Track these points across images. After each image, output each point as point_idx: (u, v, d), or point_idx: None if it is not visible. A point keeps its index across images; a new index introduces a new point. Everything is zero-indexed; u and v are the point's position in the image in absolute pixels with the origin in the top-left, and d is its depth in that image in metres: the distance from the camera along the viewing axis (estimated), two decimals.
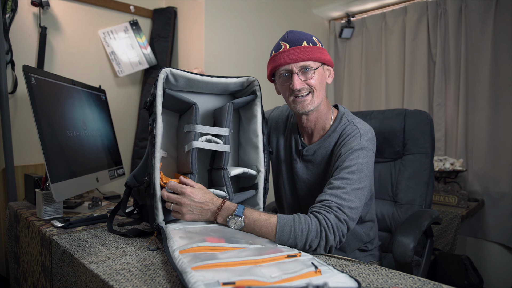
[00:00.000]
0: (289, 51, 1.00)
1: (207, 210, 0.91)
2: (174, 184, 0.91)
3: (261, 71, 2.34)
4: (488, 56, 2.14)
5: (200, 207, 0.90)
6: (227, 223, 0.90)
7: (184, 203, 0.89)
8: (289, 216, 0.88)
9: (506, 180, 2.11)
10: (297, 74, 1.01)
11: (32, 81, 1.12)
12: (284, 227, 0.86)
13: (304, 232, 0.86)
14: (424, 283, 0.68)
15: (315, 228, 0.86)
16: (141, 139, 2.11)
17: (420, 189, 1.32)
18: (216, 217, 0.91)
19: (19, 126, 1.67)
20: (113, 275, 0.73)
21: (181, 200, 0.89)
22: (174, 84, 1.00)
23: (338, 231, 0.88)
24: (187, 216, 0.90)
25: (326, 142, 1.09)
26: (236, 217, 0.88)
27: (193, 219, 0.91)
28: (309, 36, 1.03)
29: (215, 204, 0.91)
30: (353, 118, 1.10)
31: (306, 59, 1.00)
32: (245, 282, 0.59)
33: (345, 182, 0.94)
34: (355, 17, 2.78)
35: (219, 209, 0.91)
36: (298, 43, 1.01)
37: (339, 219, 0.89)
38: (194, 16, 2.06)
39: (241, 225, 0.89)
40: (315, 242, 0.86)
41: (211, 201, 0.91)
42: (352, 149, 0.99)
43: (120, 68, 2.00)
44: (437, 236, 2.00)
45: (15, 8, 1.61)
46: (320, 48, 1.03)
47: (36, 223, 1.14)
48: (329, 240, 0.87)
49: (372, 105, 2.68)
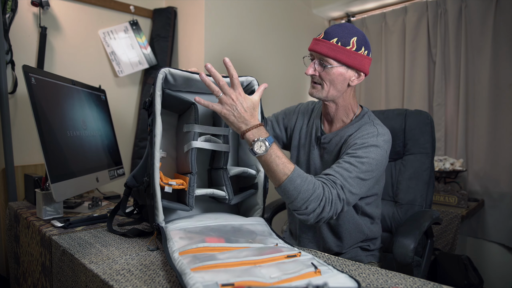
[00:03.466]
0: (319, 41, 1.06)
1: (244, 120, 0.90)
2: (234, 74, 0.89)
3: (261, 71, 2.34)
4: (488, 56, 2.14)
5: (242, 111, 0.89)
6: (253, 143, 0.89)
7: (232, 98, 0.89)
8: (304, 173, 0.92)
9: (506, 180, 2.10)
10: (315, 63, 1.07)
11: (32, 81, 1.12)
12: (295, 179, 0.89)
13: (309, 192, 0.90)
14: (424, 283, 0.68)
15: (318, 195, 0.91)
16: (141, 139, 2.11)
17: (420, 189, 1.32)
18: (247, 131, 0.90)
19: (19, 126, 1.67)
20: (113, 275, 0.73)
21: (232, 94, 0.89)
22: (173, 84, 1.00)
23: (334, 207, 0.93)
24: (225, 110, 0.89)
25: (343, 131, 1.13)
26: (266, 141, 0.88)
27: (227, 116, 0.90)
28: (347, 35, 1.04)
29: (254, 121, 0.91)
30: (374, 119, 1.14)
31: (327, 55, 1.04)
32: (244, 283, 0.59)
33: (353, 168, 0.98)
34: (355, 17, 2.77)
35: (255, 126, 0.90)
36: (329, 38, 1.04)
37: (339, 197, 0.94)
38: (194, 16, 2.06)
39: (264, 151, 0.88)
40: (311, 206, 0.91)
41: (252, 115, 0.91)
42: (367, 143, 1.02)
43: (120, 68, 2.00)
44: (437, 236, 2.00)
45: (15, 8, 1.61)
46: (349, 51, 1.04)
47: (36, 223, 1.14)
48: (324, 211, 0.92)
49: (372, 105, 2.68)
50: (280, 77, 2.47)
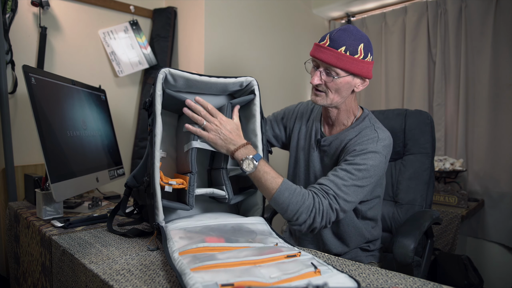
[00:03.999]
0: (325, 49, 1.02)
1: (231, 140, 0.96)
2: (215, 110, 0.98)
3: (261, 71, 2.34)
4: (488, 56, 2.13)
5: (227, 133, 0.96)
6: (242, 161, 0.94)
7: (216, 124, 0.96)
8: (292, 185, 0.96)
9: (506, 180, 2.10)
10: (320, 72, 1.05)
11: (32, 81, 1.12)
12: (283, 192, 0.93)
13: (298, 204, 0.93)
14: (424, 283, 0.68)
15: (308, 206, 0.93)
16: (141, 139, 2.11)
17: (420, 189, 1.32)
18: (235, 150, 0.96)
19: (19, 126, 1.67)
20: (113, 275, 0.73)
21: (214, 121, 0.96)
22: (173, 84, 1.00)
23: (326, 217, 0.95)
24: (212, 136, 0.96)
25: (343, 135, 1.12)
26: (253, 159, 0.94)
27: (215, 141, 0.96)
28: (355, 42, 1.00)
29: (241, 140, 0.97)
30: (375, 122, 1.12)
31: (336, 65, 1.01)
32: (244, 283, 0.59)
33: (349, 176, 0.98)
34: (355, 17, 2.77)
35: (242, 145, 0.96)
36: (337, 46, 1.00)
37: (331, 207, 0.96)
38: (194, 16, 2.06)
39: (253, 168, 0.94)
40: (302, 218, 0.93)
41: (238, 135, 0.98)
42: (366, 149, 1.02)
43: (120, 68, 2.00)
44: (437, 236, 2.00)
45: (15, 8, 1.61)
46: (357, 60, 1.01)
47: (36, 223, 1.14)
48: (315, 222, 0.94)
49: (372, 105, 2.68)
50: (280, 77, 2.47)
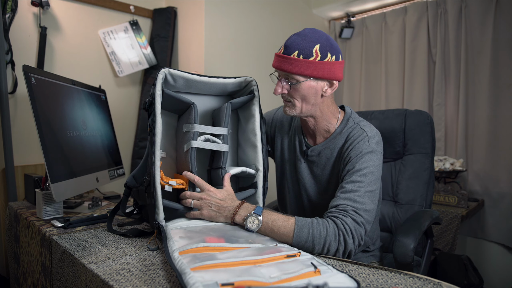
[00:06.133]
0: (280, 57, 0.98)
1: (226, 208, 0.92)
2: (202, 182, 0.94)
3: (261, 71, 2.34)
4: (488, 56, 2.14)
5: (219, 202, 0.92)
6: (245, 222, 0.89)
7: (204, 198, 0.92)
8: (307, 219, 0.88)
9: (506, 180, 2.10)
10: (281, 81, 1.01)
11: (32, 81, 1.12)
12: (302, 229, 0.85)
13: (323, 235, 0.85)
14: (424, 283, 0.68)
15: (333, 231, 0.85)
16: (141, 139, 2.11)
17: (420, 189, 1.31)
18: (234, 216, 0.91)
19: (19, 126, 1.67)
20: (113, 275, 0.73)
21: (202, 196, 0.93)
22: (173, 85, 1.00)
23: (356, 234, 0.87)
24: (204, 212, 0.92)
25: (332, 143, 1.08)
26: (255, 215, 0.88)
27: (210, 215, 0.93)
28: (308, 45, 0.95)
29: (234, 203, 0.93)
30: (360, 120, 1.09)
31: (291, 72, 0.96)
32: (244, 283, 0.59)
33: (358, 185, 0.93)
34: (355, 17, 2.77)
35: (238, 207, 0.92)
36: (289, 52, 0.96)
37: (357, 222, 0.88)
38: (194, 16, 2.06)
39: (259, 224, 0.88)
40: (333, 246, 0.85)
41: (231, 199, 0.94)
42: (362, 152, 0.98)
43: (120, 68, 2.00)
44: (437, 236, 2.00)
45: (15, 8, 1.61)
46: (314, 62, 0.95)
47: (36, 223, 1.14)
48: (348, 244, 0.86)
49: (372, 105, 2.68)
50: None
